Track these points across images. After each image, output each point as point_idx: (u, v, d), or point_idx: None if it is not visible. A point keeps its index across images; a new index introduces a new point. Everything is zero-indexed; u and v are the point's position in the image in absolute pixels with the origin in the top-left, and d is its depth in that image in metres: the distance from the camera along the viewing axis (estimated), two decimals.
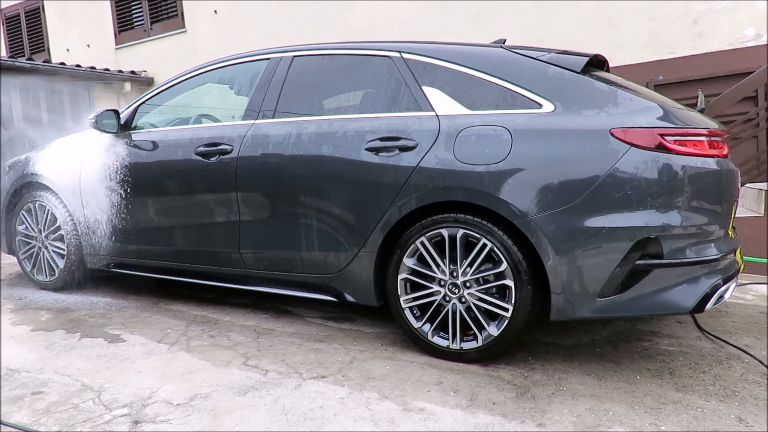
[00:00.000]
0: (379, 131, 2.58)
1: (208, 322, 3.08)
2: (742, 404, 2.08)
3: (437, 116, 2.50)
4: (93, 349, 2.70)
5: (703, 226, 2.20)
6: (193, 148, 3.06)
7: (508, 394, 2.16)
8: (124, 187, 3.32)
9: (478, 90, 2.48)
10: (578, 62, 2.43)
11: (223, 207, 2.99)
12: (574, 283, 2.23)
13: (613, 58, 4.07)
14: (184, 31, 8.97)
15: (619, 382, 2.27)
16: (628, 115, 2.24)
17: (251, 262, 3.00)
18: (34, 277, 3.86)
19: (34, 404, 2.12)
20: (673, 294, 2.19)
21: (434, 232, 2.46)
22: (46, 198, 3.71)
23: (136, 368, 2.45)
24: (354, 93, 2.90)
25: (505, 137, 2.33)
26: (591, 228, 2.18)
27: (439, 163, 2.42)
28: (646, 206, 2.15)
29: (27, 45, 10.72)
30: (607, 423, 1.95)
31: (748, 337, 2.78)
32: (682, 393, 2.17)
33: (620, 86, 2.39)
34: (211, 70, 3.34)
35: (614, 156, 2.17)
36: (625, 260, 2.17)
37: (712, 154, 2.21)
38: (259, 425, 1.91)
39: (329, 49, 2.96)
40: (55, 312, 3.34)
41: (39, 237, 3.79)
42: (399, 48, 2.74)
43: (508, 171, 2.30)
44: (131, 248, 3.40)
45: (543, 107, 2.35)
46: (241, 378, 2.32)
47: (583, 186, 2.19)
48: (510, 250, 2.32)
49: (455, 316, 2.44)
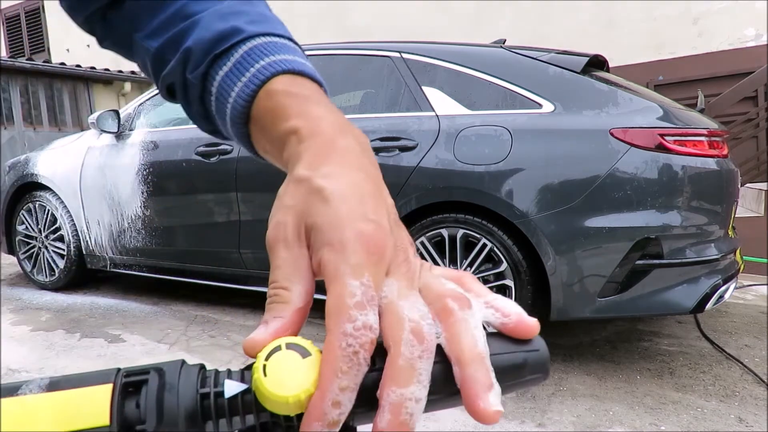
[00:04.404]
0: (379, 131, 2.58)
1: (208, 322, 3.08)
2: (742, 404, 2.08)
3: (437, 116, 2.50)
4: (93, 349, 2.70)
5: (703, 226, 2.20)
6: (194, 148, 3.06)
7: (507, 394, 2.16)
8: (124, 186, 3.32)
9: (478, 90, 2.48)
10: (578, 62, 2.43)
11: (223, 207, 2.99)
12: (574, 283, 2.23)
13: (613, 58, 4.07)
14: None
15: (619, 382, 2.27)
16: (628, 116, 2.24)
17: (251, 262, 2.99)
18: (34, 277, 3.86)
19: None
20: (673, 294, 2.19)
21: (434, 232, 2.46)
22: (46, 198, 3.71)
23: None
24: (354, 93, 2.90)
25: (505, 137, 2.33)
26: (591, 228, 2.18)
27: (439, 163, 2.42)
28: (646, 206, 2.15)
29: (27, 45, 10.72)
30: (607, 423, 1.95)
31: (748, 337, 2.78)
32: (682, 393, 2.17)
33: (620, 86, 2.39)
34: None
35: (614, 156, 2.17)
36: (625, 260, 2.17)
37: (712, 154, 2.21)
38: None
39: (329, 49, 2.96)
40: (55, 312, 3.34)
41: (39, 237, 3.79)
42: (399, 48, 2.74)
43: (508, 171, 2.30)
44: (131, 248, 3.40)
45: (543, 107, 2.35)
46: None
47: (583, 186, 2.19)
48: (510, 250, 2.32)
49: None
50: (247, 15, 0.40)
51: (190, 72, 0.40)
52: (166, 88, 0.43)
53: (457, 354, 0.26)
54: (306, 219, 0.29)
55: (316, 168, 0.31)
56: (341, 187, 0.30)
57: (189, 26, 0.40)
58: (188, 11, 0.40)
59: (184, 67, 0.40)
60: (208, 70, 0.39)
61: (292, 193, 0.31)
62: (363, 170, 0.32)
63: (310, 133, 0.33)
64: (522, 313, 0.30)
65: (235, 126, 0.39)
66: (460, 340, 0.27)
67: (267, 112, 0.36)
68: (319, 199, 0.29)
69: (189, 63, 0.40)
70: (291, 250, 0.29)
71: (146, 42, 0.42)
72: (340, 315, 0.26)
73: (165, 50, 0.41)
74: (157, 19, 0.42)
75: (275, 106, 0.36)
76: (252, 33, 0.39)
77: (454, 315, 0.27)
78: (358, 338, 0.25)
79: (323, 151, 0.32)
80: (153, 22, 0.42)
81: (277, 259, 0.30)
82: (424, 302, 0.28)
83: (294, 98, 0.36)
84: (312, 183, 0.30)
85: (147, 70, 0.44)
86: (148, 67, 0.44)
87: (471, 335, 0.27)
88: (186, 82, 0.40)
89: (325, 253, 0.28)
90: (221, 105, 0.39)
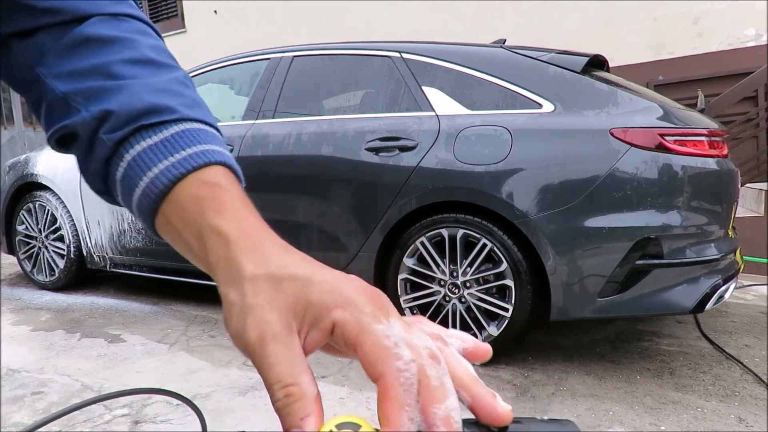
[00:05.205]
0: (379, 131, 2.58)
1: (208, 322, 3.08)
2: (742, 404, 2.08)
3: (437, 116, 2.50)
4: (93, 349, 2.70)
5: (703, 226, 2.20)
6: None
7: (508, 394, 2.16)
8: None
9: (478, 90, 2.48)
10: (578, 62, 2.43)
11: None
12: (574, 283, 2.23)
13: (613, 58, 4.07)
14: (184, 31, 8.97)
15: (619, 382, 2.27)
16: (628, 115, 2.24)
17: None
18: (34, 277, 3.86)
19: (34, 404, 2.12)
20: (673, 294, 2.19)
21: (434, 232, 2.46)
22: (46, 198, 3.71)
23: (136, 368, 2.45)
24: (354, 93, 2.90)
25: (505, 137, 2.33)
26: (591, 228, 2.18)
27: (439, 163, 2.42)
28: (646, 206, 2.15)
29: None
30: (607, 423, 1.95)
31: (748, 337, 2.78)
32: (682, 393, 2.17)
33: (620, 86, 2.39)
34: (211, 70, 3.34)
35: (614, 156, 2.17)
36: (625, 260, 2.17)
37: (712, 154, 2.21)
38: (259, 425, 1.91)
39: (329, 49, 2.96)
40: (55, 312, 3.34)
41: (39, 237, 3.79)
42: (399, 48, 2.74)
43: (508, 171, 2.30)
44: (131, 248, 3.40)
45: (543, 107, 2.35)
46: (241, 378, 2.32)
47: (583, 186, 2.19)
48: (510, 250, 2.32)
49: (455, 316, 2.44)
50: (182, 96, 0.40)
51: (104, 132, 0.38)
52: (62, 136, 0.40)
53: (459, 380, 0.29)
54: (295, 305, 0.30)
55: (272, 262, 0.32)
56: (309, 268, 0.32)
57: (113, 88, 0.39)
58: (114, 71, 0.39)
59: (99, 124, 0.38)
60: (128, 137, 0.38)
61: (258, 291, 0.31)
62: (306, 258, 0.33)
63: (239, 236, 0.34)
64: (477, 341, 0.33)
65: (147, 200, 0.37)
66: (456, 368, 0.30)
67: (193, 200, 0.36)
68: (299, 282, 0.31)
69: (106, 124, 0.38)
70: (282, 342, 0.29)
71: (52, 82, 0.40)
72: (387, 357, 0.28)
73: (76, 99, 0.39)
74: (71, 64, 0.40)
75: (204, 197, 0.36)
76: (186, 116, 0.39)
77: (442, 350, 0.30)
78: (410, 370, 0.28)
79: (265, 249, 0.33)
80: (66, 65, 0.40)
81: (269, 357, 0.29)
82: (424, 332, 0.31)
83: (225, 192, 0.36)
84: (277, 275, 0.31)
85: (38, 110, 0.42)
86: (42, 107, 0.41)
87: (462, 364, 0.30)
88: (95, 140, 0.39)
89: (338, 314, 0.29)
90: (133, 175, 0.38)
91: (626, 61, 5.73)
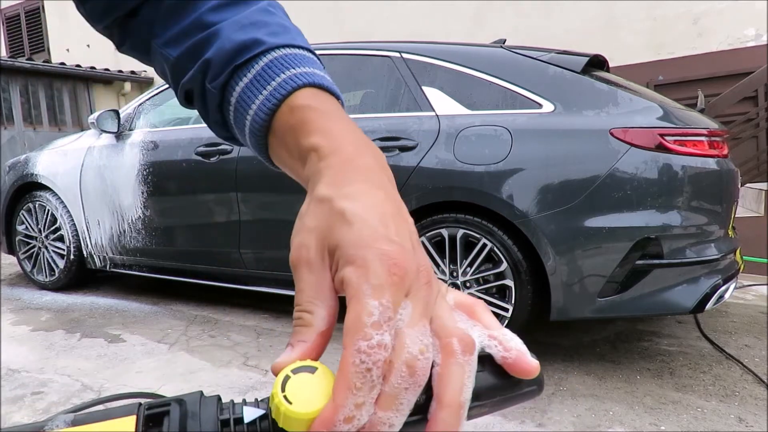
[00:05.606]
0: (378, 131, 2.58)
1: (208, 322, 3.08)
2: (742, 404, 2.08)
3: (437, 116, 2.50)
4: (93, 349, 2.70)
5: (703, 226, 2.20)
6: (194, 147, 3.06)
7: None
8: (124, 186, 3.32)
9: (478, 90, 2.48)
10: (578, 62, 2.43)
11: (223, 207, 2.99)
12: (574, 283, 2.23)
13: (613, 58, 4.07)
14: None
15: (619, 382, 2.27)
16: (628, 115, 2.24)
17: (251, 262, 2.99)
18: (34, 277, 3.86)
19: (34, 404, 2.12)
20: (673, 294, 2.19)
21: (434, 232, 2.46)
22: (46, 198, 3.71)
23: (136, 368, 2.45)
24: (354, 93, 2.90)
25: (505, 137, 2.33)
26: (591, 228, 2.18)
27: (439, 163, 2.42)
28: (646, 206, 2.15)
29: (27, 45, 10.71)
30: (607, 423, 1.95)
31: (748, 337, 2.78)
32: (682, 393, 2.17)
33: (620, 86, 2.39)
34: None
35: (614, 156, 2.17)
36: (625, 260, 2.17)
37: (712, 154, 2.21)
38: None
39: (329, 49, 2.96)
40: (55, 312, 3.34)
41: (39, 237, 3.79)
42: (399, 48, 2.74)
43: (508, 171, 2.30)
44: (131, 248, 3.40)
45: (543, 107, 2.35)
46: (241, 378, 2.32)
47: (583, 186, 2.19)
48: (510, 250, 2.32)
49: None
50: (267, 26, 0.41)
51: (209, 82, 0.40)
52: (185, 95, 0.44)
53: (441, 393, 0.28)
54: (329, 240, 0.30)
55: (338, 188, 0.31)
56: (363, 209, 0.30)
57: (208, 36, 0.40)
58: (206, 21, 0.41)
59: (203, 76, 0.41)
60: (228, 81, 0.40)
61: (314, 213, 0.31)
62: (383, 189, 0.33)
63: (330, 151, 0.34)
64: (523, 351, 0.31)
65: (254, 137, 0.39)
66: (449, 382, 0.28)
67: (289, 127, 0.37)
68: (342, 220, 0.30)
69: (209, 73, 0.40)
70: (314, 272, 0.30)
71: (165, 50, 0.43)
72: (356, 333, 0.27)
73: (184, 59, 0.42)
74: (174, 28, 0.42)
75: (297, 122, 0.36)
76: (273, 44, 0.39)
77: (454, 356, 0.28)
78: (372, 356, 0.26)
79: (344, 169, 0.33)
80: (170, 31, 0.42)
81: (300, 281, 0.30)
82: (431, 333, 0.29)
83: (315, 113, 0.36)
84: (334, 204, 0.31)
85: (166, 77, 0.45)
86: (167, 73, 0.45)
87: (461, 382, 0.28)
88: (205, 91, 0.41)
89: (347, 272, 0.28)
90: (240, 116, 0.39)
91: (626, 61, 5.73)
